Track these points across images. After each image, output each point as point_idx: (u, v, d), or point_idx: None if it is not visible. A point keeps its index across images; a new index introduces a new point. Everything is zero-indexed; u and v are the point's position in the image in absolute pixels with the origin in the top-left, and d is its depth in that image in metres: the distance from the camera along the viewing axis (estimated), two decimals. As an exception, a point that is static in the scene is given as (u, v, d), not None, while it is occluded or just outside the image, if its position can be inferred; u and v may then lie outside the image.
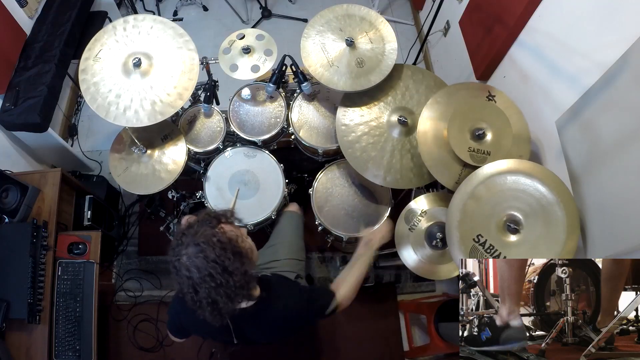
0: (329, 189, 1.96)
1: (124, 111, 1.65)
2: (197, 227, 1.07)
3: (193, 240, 1.05)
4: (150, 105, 1.66)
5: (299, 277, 1.70)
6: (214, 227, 1.08)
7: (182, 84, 1.70)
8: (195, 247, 1.03)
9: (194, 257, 1.03)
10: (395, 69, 1.74)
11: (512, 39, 1.85)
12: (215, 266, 1.02)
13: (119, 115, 1.65)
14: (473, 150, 1.51)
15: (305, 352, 2.33)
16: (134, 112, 1.65)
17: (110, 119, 1.65)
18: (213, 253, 1.03)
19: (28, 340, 1.74)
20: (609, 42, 1.28)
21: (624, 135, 1.17)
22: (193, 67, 1.73)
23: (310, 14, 3.14)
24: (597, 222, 1.29)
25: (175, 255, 1.06)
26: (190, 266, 1.03)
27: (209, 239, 1.04)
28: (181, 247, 1.05)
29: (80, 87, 1.67)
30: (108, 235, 2.37)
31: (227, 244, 1.05)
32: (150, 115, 1.66)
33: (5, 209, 1.84)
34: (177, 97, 1.69)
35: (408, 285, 2.51)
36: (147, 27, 1.76)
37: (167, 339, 2.33)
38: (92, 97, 1.66)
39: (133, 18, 1.77)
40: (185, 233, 1.08)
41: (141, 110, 1.66)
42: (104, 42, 1.73)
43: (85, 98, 1.66)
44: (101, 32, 1.75)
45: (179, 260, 1.05)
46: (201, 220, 1.10)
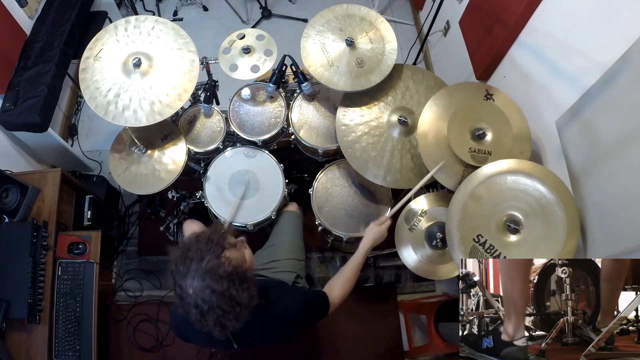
0: (329, 189, 1.96)
1: (123, 111, 1.65)
2: (202, 252, 1.05)
3: (198, 272, 1.03)
4: (149, 106, 1.66)
5: (298, 277, 1.69)
6: (218, 256, 1.06)
7: (182, 85, 1.70)
8: (202, 282, 1.02)
9: (199, 291, 1.02)
10: (395, 69, 1.74)
11: (512, 39, 1.85)
12: (222, 299, 1.03)
13: (117, 114, 1.65)
14: (474, 151, 1.51)
15: (305, 352, 2.33)
16: (132, 111, 1.65)
17: (109, 119, 1.65)
18: (221, 286, 1.02)
19: (28, 340, 1.74)
20: (609, 42, 1.27)
21: (624, 135, 1.17)
22: (193, 68, 1.73)
23: (310, 14, 3.14)
24: (597, 222, 1.29)
25: (180, 284, 1.05)
26: (197, 299, 1.03)
27: (215, 271, 1.03)
28: (186, 276, 1.04)
29: (80, 87, 1.67)
30: (108, 235, 2.37)
31: (234, 274, 1.05)
32: (148, 115, 1.66)
33: (5, 209, 1.84)
34: (176, 98, 1.69)
35: (408, 285, 2.51)
36: (148, 28, 1.76)
37: (167, 339, 2.33)
38: (92, 96, 1.66)
39: (135, 19, 1.77)
40: (190, 257, 1.05)
41: (140, 110, 1.66)
42: (105, 42, 1.73)
43: (84, 97, 1.66)
44: (102, 32, 1.75)
45: (185, 291, 1.04)
46: (205, 242, 1.07)
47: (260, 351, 2.24)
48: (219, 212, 1.87)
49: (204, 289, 1.02)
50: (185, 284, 1.04)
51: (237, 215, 1.84)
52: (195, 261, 1.04)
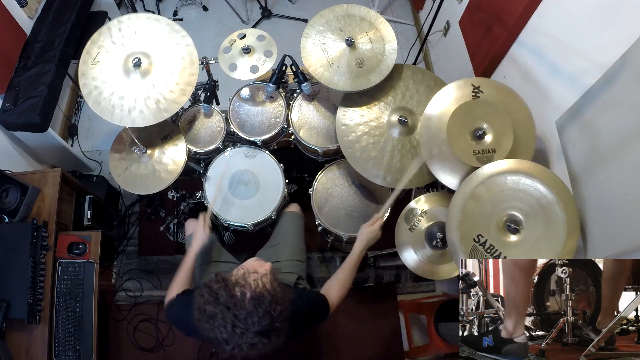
0: (328, 189, 1.96)
1: (129, 112, 1.65)
2: (257, 317, 1.03)
3: (253, 334, 1.03)
4: (155, 104, 1.66)
5: (300, 278, 1.70)
6: (272, 319, 1.05)
7: (184, 79, 1.70)
8: (256, 338, 1.03)
9: (251, 346, 1.04)
10: (395, 69, 1.74)
11: (512, 39, 1.85)
12: (270, 343, 1.06)
13: (124, 116, 1.64)
14: (479, 152, 1.49)
15: (305, 352, 2.33)
16: (139, 112, 1.65)
17: (117, 122, 1.64)
18: (272, 338, 1.05)
19: (28, 340, 1.74)
20: (609, 42, 1.28)
21: (624, 135, 1.17)
22: (193, 62, 1.72)
23: (310, 14, 3.15)
24: (597, 222, 1.29)
25: (230, 340, 1.04)
26: (246, 350, 1.04)
27: (270, 329, 1.04)
28: (238, 332, 1.03)
29: (80, 89, 1.67)
30: (108, 235, 2.37)
31: (284, 323, 1.08)
32: (155, 113, 1.65)
33: (5, 209, 1.84)
34: (180, 93, 1.68)
35: (408, 285, 2.51)
36: (142, 26, 1.75)
37: (167, 339, 2.33)
38: (95, 101, 1.66)
39: (127, 18, 1.75)
40: (244, 321, 1.03)
41: (146, 109, 1.65)
42: (101, 45, 1.71)
43: (88, 102, 1.66)
44: (97, 34, 1.73)
45: (239, 346, 1.04)
46: (261, 307, 1.04)
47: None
48: (219, 212, 1.87)
49: (257, 343, 1.04)
50: (238, 340, 1.04)
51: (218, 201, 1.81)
52: (251, 326, 1.03)
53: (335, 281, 1.42)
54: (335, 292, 1.38)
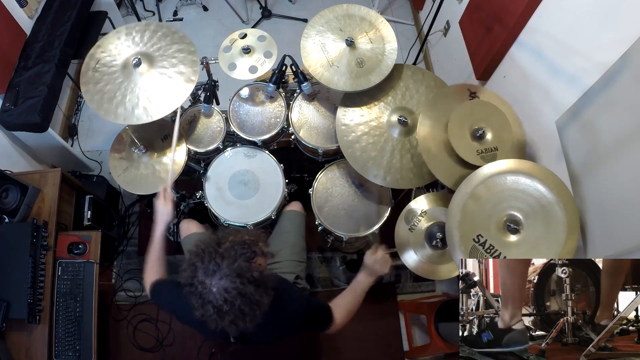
0: (329, 189, 1.96)
1: (132, 110, 1.64)
2: (236, 254, 1.05)
3: (228, 272, 1.02)
4: (158, 100, 1.66)
5: (298, 277, 1.70)
6: (250, 260, 1.05)
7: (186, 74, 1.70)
8: (230, 283, 1.02)
9: (225, 292, 1.02)
10: (395, 69, 1.75)
11: (512, 39, 1.85)
12: (246, 302, 1.03)
13: (128, 115, 1.64)
14: (482, 152, 1.51)
15: (305, 351, 2.33)
16: (142, 109, 1.65)
17: (121, 121, 1.64)
18: (247, 290, 1.03)
19: (28, 340, 1.74)
20: (609, 42, 1.27)
21: (624, 135, 1.17)
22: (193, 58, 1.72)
23: (310, 14, 3.15)
24: (597, 222, 1.29)
25: (202, 281, 1.04)
26: (219, 298, 1.02)
27: (245, 275, 1.03)
28: (214, 275, 1.03)
29: (81, 89, 1.67)
30: (108, 235, 2.37)
31: (260, 281, 1.05)
32: (160, 108, 1.65)
33: (5, 209, 1.84)
34: (182, 89, 1.68)
35: (408, 285, 2.51)
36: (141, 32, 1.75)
37: (167, 339, 2.33)
38: (98, 105, 1.66)
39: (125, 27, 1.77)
40: (221, 255, 1.04)
41: (149, 105, 1.65)
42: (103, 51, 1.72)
43: (90, 107, 1.66)
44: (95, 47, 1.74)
45: (208, 289, 1.03)
46: (240, 244, 1.07)
47: (260, 350, 2.24)
48: (219, 212, 1.87)
49: (230, 290, 1.02)
50: (210, 282, 1.03)
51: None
52: (227, 261, 1.04)
53: (343, 305, 1.40)
54: (341, 314, 1.36)
